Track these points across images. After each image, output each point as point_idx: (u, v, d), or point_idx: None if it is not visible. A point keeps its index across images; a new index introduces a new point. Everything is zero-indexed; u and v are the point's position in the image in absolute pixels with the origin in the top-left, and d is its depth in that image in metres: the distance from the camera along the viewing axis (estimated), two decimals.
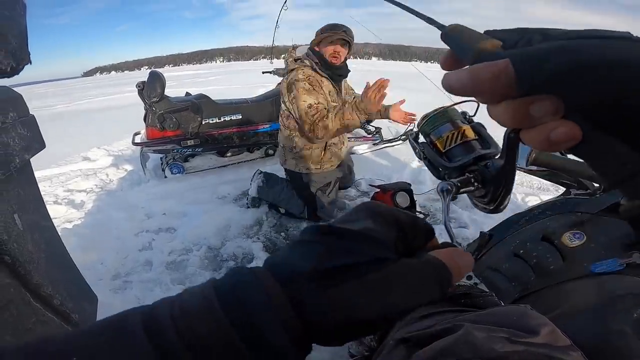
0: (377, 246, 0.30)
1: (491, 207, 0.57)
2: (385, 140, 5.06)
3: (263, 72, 5.20)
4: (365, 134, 5.21)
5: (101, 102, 11.97)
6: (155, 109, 3.81)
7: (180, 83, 16.68)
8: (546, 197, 2.52)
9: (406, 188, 0.83)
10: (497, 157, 0.64)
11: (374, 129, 5.18)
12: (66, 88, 24.45)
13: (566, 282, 0.80)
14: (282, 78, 4.60)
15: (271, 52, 4.86)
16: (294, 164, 2.96)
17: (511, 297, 0.90)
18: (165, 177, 4.11)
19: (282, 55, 5.28)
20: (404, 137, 5.30)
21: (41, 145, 0.95)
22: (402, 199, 0.77)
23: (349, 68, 2.91)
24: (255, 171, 3.47)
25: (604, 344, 0.56)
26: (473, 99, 0.32)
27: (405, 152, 4.86)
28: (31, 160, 0.95)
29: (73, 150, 5.11)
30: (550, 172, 1.08)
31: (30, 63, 0.71)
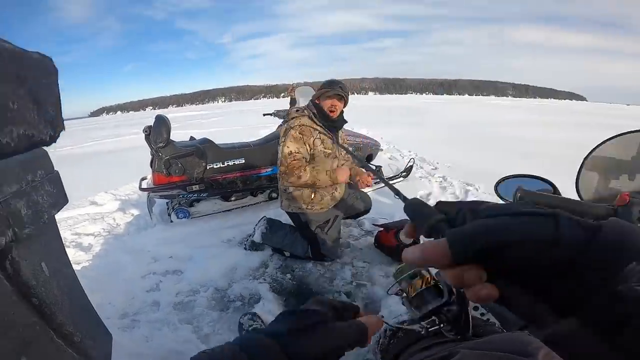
0: (322, 315, 0.53)
1: (458, 337, 0.70)
2: (386, 178, 5.10)
3: (264, 115, 5.33)
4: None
5: (108, 144, 12.15)
6: (162, 155, 3.90)
7: (183, 125, 16.96)
8: None
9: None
10: (453, 304, 0.76)
11: (374, 167, 5.26)
12: (73, 129, 24.82)
13: None
14: (282, 120, 4.71)
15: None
16: (287, 205, 3.12)
17: (518, 325, 0.95)
18: (172, 221, 4.17)
19: (282, 94, 5.38)
20: (404, 173, 5.38)
21: (65, 200, 1.02)
22: (405, 236, 0.84)
23: (345, 119, 3.13)
24: (261, 218, 3.53)
25: None
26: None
27: (406, 189, 4.89)
28: None
29: (81, 194, 5.18)
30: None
31: (64, 129, 0.77)
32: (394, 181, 5.11)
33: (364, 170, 3.18)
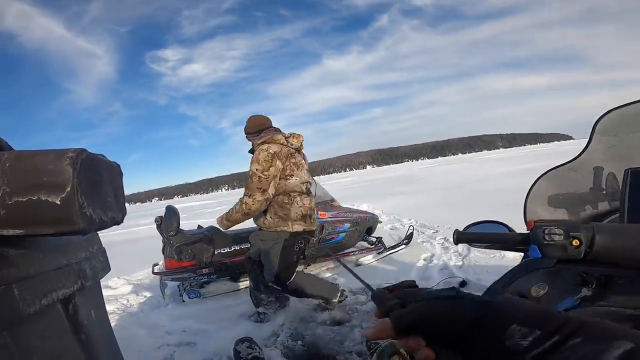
0: None
1: None
2: (389, 248, 5.32)
3: None
4: (368, 246, 5.48)
5: (119, 235, 12.35)
6: (173, 242, 4.14)
7: (190, 214, 17.19)
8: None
9: (412, 285, 1.00)
10: None
11: (375, 239, 5.46)
12: None
13: None
14: None
15: None
16: None
17: None
18: (183, 301, 4.30)
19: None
20: (406, 241, 5.51)
21: (109, 268, 1.30)
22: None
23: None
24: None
25: None
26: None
27: (409, 254, 5.12)
28: None
29: None
30: (489, 245, 1.39)
31: (126, 213, 1.07)
32: (397, 249, 5.25)
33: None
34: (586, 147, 1.61)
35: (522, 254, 1.42)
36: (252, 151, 3.33)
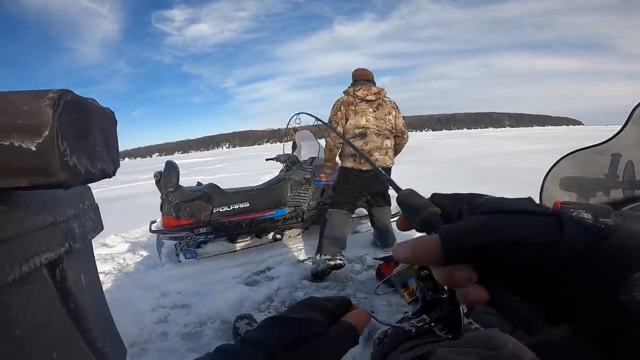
0: (314, 326, 0.46)
1: (450, 336, 0.63)
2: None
3: (267, 160, 5.49)
4: (366, 213, 5.41)
5: (118, 190, 12.30)
6: (171, 199, 4.09)
7: (190, 171, 17.12)
8: None
9: None
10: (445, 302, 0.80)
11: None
12: None
13: None
14: (283, 164, 4.87)
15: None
16: None
17: (507, 332, 1.07)
18: (180, 261, 4.28)
19: (285, 138, 5.53)
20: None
21: (101, 227, 1.22)
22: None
23: None
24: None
25: None
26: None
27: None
28: None
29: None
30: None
31: (120, 166, 0.98)
32: (395, 218, 5.19)
33: None
34: (618, 132, 1.56)
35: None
36: None
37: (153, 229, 4.28)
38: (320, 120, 1.37)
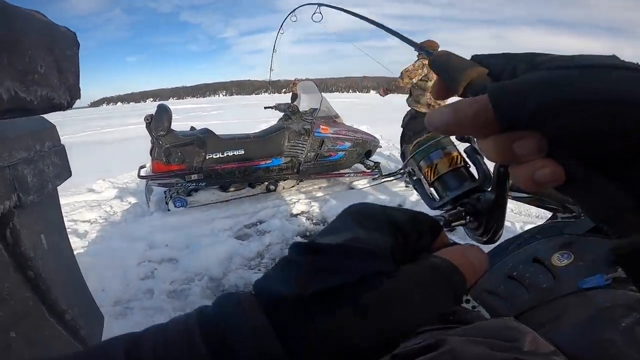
0: (367, 259, 0.26)
1: (484, 239, 0.57)
2: (384, 175, 5.19)
3: (265, 108, 5.35)
4: (364, 169, 5.35)
5: (107, 133, 12.10)
6: (162, 143, 3.93)
7: (184, 117, 16.92)
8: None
9: None
10: (489, 190, 0.60)
11: (372, 163, 5.29)
12: (73, 118, 24.59)
13: (558, 298, 0.85)
14: (282, 113, 4.74)
15: (269, 83, 5.01)
16: None
17: (508, 316, 0.96)
18: (169, 210, 4.17)
19: (284, 90, 5.45)
20: (402, 171, 5.40)
21: (69, 174, 1.04)
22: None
23: None
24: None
25: (595, 353, 0.59)
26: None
27: (403, 186, 4.97)
28: None
29: (78, 182, 5.14)
30: (534, 198, 1.15)
31: (80, 98, 0.79)
32: (392, 178, 5.13)
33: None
34: None
35: (552, 213, 1.21)
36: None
37: (142, 174, 4.14)
38: (351, 12, 1.07)
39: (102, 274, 2.83)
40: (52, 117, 0.91)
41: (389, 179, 5.17)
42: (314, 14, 1.75)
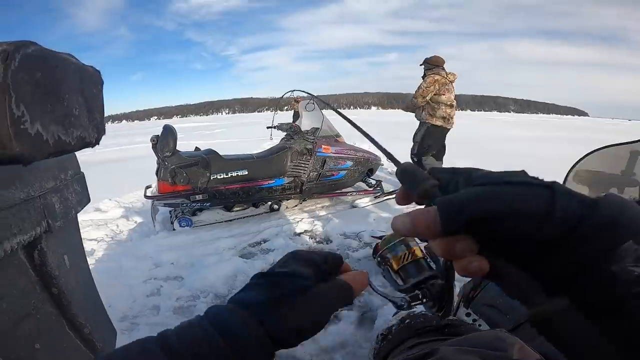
0: (301, 280, 0.44)
1: (440, 314, 0.67)
2: (386, 193, 5.25)
3: (267, 127, 5.43)
4: (366, 187, 5.40)
5: (113, 152, 12.16)
6: (168, 164, 3.99)
7: (188, 135, 16.99)
8: None
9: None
10: (439, 277, 0.73)
11: (374, 182, 5.34)
12: None
13: None
14: (284, 133, 4.80)
15: (271, 134, 5.06)
16: None
17: (507, 329, 0.98)
18: (174, 229, 4.21)
19: (285, 107, 5.50)
20: None
21: (88, 199, 1.11)
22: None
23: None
24: None
25: None
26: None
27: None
28: None
29: None
30: None
31: (105, 133, 0.86)
32: (394, 196, 5.16)
33: None
34: None
35: None
36: (423, 76, 5.36)
37: (148, 194, 4.20)
38: (315, 97, 1.23)
39: (108, 290, 2.85)
40: None
41: (390, 196, 5.20)
42: (308, 103, 1.97)
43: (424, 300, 0.69)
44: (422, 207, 0.38)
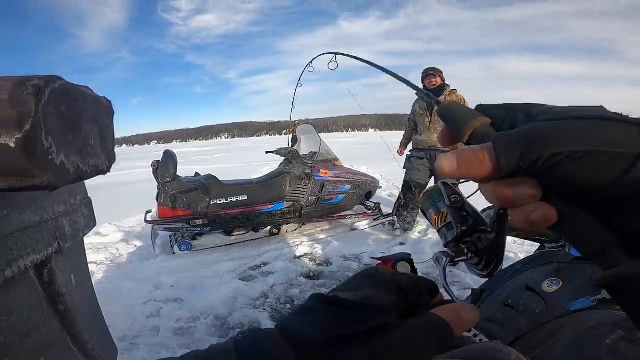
0: (378, 313, 0.31)
1: (484, 273, 0.61)
2: (385, 215, 5.23)
3: (266, 152, 5.46)
4: (365, 210, 5.40)
5: (114, 177, 12.22)
6: (168, 189, 4.03)
7: (188, 160, 17.05)
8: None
9: (406, 258, 0.86)
10: (489, 230, 0.65)
11: (373, 204, 5.36)
12: None
13: (549, 322, 0.93)
14: (284, 158, 4.85)
15: (289, 129, 5.09)
16: None
17: (506, 342, 1.00)
18: (174, 253, 4.21)
19: (284, 131, 5.55)
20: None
21: (94, 223, 1.15)
22: (403, 269, 0.81)
23: (442, 92, 4.51)
24: None
25: None
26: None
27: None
28: None
29: None
30: (521, 233, 1.26)
31: (115, 161, 0.91)
32: (391, 218, 5.20)
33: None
34: None
35: (539, 244, 1.31)
36: (437, 92, 4.48)
37: (148, 219, 4.24)
38: (364, 61, 1.14)
39: (108, 311, 2.80)
40: None
41: (389, 219, 5.18)
42: (330, 62, 1.84)
43: (470, 255, 0.63)
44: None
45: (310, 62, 3.17)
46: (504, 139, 0.27)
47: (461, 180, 0.67)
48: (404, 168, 4.96)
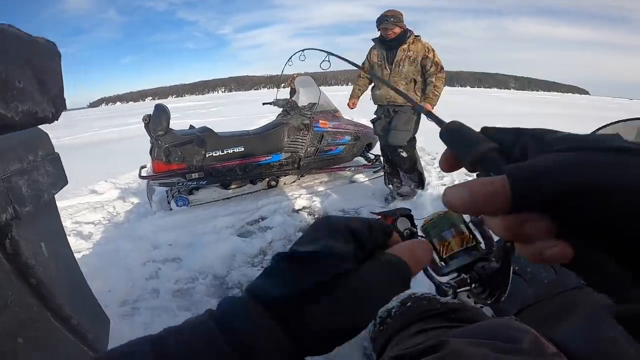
0: (337, 263, 0.33)
1: (489, 302, 0.59)
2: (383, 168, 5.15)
3: (264, 104, 5.33)
4: (365, 162, 5.34)
5: (107, 134, 12.08)
6: (161, 143, 3.92)
7: (183, 114, 16.89)
8: None
9: (407, 214, 0.84)
10: (493, 260, 0.63)
11: (373, 156, 5.28)
12: (73, 119, 24.57)
13: (560, 293, 0.85)
14: (281, 109, 4.71)
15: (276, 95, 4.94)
16: None
17: (511, 312, 0.95)
18: (171, 209, 4.17)
19: (282, 85, 5.36)
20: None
21: (64, 181, 1.04)
22: (402, 224, 0.79)
23: (404, 40, 3.92)
24: None
25: (596, 352, 0.59)
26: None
27: None
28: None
29: (80, 183, 5.15)
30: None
31: (66, 109, 0.79)
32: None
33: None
34: None
35: None
36: (397, 40, 3.92)
37: (143, 174, 4.13)
38: (333, 54, 1.15)
39: (107, 274, 2.85)
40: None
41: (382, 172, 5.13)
42: (323, 61, 1.82)
43: (473, 285, 0.62)
44: (475, 176, 0.31)
45: (290, 58, 3.07)
46: (520, 172, 0.26)
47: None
48: (375, 135, 4.62)
